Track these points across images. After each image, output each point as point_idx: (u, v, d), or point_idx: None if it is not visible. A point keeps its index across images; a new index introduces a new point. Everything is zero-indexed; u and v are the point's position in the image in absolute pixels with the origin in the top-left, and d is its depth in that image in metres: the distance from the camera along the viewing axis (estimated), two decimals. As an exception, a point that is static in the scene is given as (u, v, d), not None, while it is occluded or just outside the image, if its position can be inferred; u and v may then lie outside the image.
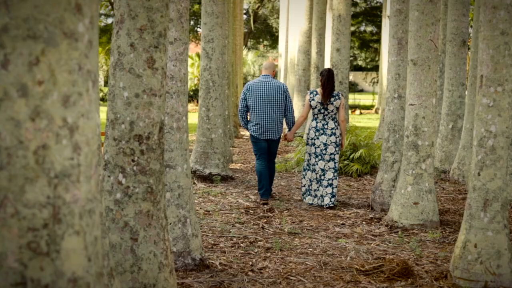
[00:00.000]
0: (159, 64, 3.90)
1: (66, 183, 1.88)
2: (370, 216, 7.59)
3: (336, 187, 8.15)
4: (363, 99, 39.99)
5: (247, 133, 18.24)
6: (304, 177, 8.36)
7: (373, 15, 43.18)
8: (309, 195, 8.27)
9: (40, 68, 1.82)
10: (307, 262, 5.61)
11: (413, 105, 6.94)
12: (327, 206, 8.06)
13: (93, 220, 2.00)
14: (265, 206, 8.08)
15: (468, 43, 12.77)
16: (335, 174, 8.16)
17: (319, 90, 8.20)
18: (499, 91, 4.83)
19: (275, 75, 8.68)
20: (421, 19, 6.86)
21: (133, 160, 3.87)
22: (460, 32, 10.75)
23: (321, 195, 8.12)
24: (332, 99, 8.11)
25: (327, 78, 8.08)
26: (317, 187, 8.17)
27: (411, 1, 6.95)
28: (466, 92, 10.97)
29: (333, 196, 8.11)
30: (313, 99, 8.16)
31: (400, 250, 6.14)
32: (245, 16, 39.46)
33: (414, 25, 6.92)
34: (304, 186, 8.33)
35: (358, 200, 8.60)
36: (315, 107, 8.16)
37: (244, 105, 8.41)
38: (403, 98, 7.90)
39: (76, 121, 1.90)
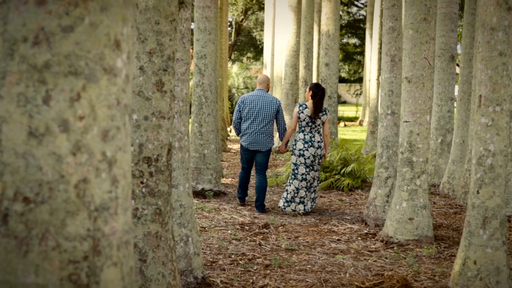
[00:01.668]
0: (167, 87, 3.95)
1: (105, 215, 1.92)
2: (365, 231, 7.66)
3: (317, 192, 8.82)
4: (346, 111, 40.16)
5: (235, 147, 18.30)
6: (290, 185, 8.69)
7: (356, 27, 43.50)
8: (293, 202, 8.60)
9: (81, 104, 1.86)
10: (307, 279, 5.65)
11: (408, 122, 7.02)
12: (308, 211, 8.66)
13: (129, 251, 2.04)
14: (242, 206, 9.04)
15: (457, 59, 12.92)
16: (318, 181, 8.77)
17: (308, 103, 8.56)
18: (497, 110, 4.93)
19: (268, 89, 8.90)
20: (415, 38, 6.96)
21: (142, 182, 3.90)
22: (449, 48, 10.89)
23: (308, 201, 8.65)
24: (320, 114, 8.53)
25: (321, 97, 8.51)
26: (306, 194, 8.63)
27: (406, 19, 7.05)
28: (455, 107, 11.10)
29: (314, 200, 8.74)
30: (302, 112, 8.52)
31: (398, 266, 6.20)
32: (229, 29, 39.55)
33: (408, 43, 7.02)
34: (290, 193, 8.65)
35: (351, 215, 8.66)
36: (303, 120, 8.54)
37: (238, 116, 8.83)
38: (396, 115, 8.00)
39: (114, 155, 1.94)
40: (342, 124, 31.97)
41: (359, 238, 7.36)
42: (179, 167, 5.28)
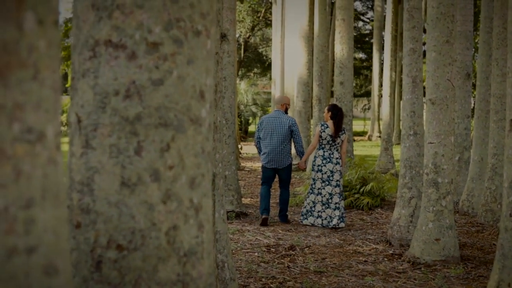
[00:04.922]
0: (211, 118, 4.02)
1: (193, 260, 1.99)
2: (390, 252, 7.70)
3: (343, 208, 9.19)
4: (354, 125, 40.10)
5: (248, 165, 18.38)
6: (306, 199, 9.35)
7: (363, 42, 43.65)
8: (311, 215, 9.20)
9: (170, 154, 1.94)
10: (340, 303, 5.69)
11: (433, 143, 7.09)
12: (335, 226, 9.07)
13: (213, 292, 2.11)
14: (264, 224, 9.21)
15: (474, 77, 12.99)
16: (341, 198, 9.16)
17: (329, 123, 9.20)
18: (529, 135, 4.99)
19: (286, 107, 9.30)
20: (438, 60, 7.04)
21: (187, 213, 3.97)
22: (464, 66, 10.97)
23: (329, 216, 9.10)
24: (340, 133, 9.18)
25: (340, 118, 9.22)
26: (323, 209, 9.14)
27: (428, 42, 7.12)
28: (473, 124, 11.14)
29: (342, 217, 9.11)
30: (324, 131, 9.16)
31: (428, 287, 6.24)
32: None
33: (431, 66, 7.09)
34: (305, 207, 9.29)
35: (374, 235, 8.71)
36: (325, 139, 9.17)
37: (258, 136, 9.50)
38: (419, 135, 8.07)
39: (200, 201, 2.02)
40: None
41: (385, 259, 7.40)
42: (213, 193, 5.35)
